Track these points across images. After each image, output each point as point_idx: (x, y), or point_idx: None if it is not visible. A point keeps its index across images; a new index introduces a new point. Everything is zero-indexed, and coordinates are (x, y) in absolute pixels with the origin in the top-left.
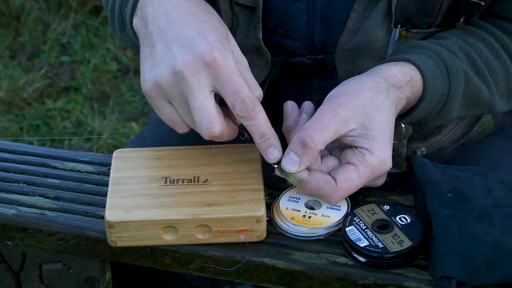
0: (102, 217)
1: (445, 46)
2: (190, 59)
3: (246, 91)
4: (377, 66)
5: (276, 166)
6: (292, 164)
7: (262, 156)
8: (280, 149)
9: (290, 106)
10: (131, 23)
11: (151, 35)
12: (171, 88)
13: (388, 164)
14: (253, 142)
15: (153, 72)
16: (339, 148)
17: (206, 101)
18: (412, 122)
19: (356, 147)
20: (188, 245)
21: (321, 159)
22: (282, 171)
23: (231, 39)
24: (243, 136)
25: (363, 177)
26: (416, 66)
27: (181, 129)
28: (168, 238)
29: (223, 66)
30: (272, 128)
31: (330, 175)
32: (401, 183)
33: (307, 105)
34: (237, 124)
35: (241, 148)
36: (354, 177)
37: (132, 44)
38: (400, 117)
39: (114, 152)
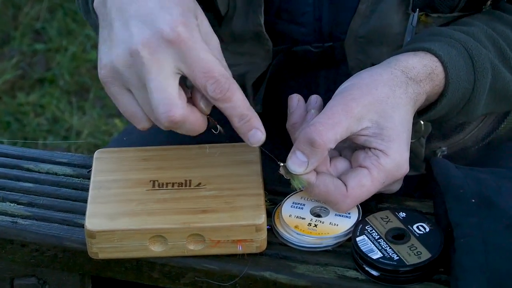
0: (82, 226)
1: (470, 33)
2: (148, 36)
3: (219, 69)
4: (394, 56)
5: (281, 164)
6: (298, 165)
7: (262, 157)
8: (263, 130)
9: (295, 100)
10: (93, 3)
11: (109, 14)
12: (128, 71)
13: (405, 168)
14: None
15: (109, 55)
16: (349, 148)
17: (165, 82)
18: (431, 119)
19: (370, 148)
20: (179, 257)
21: (330, 161)
22: (287, 171)
23: (201, 15)
24: (215, 130)
25: (377, 182)
26: (437, 57)
27: (141, 123)
28: (156, 250)
29: (189, 43)
30: (252, 108)
31: (340, 180)
32: (419, 187)
33: (315, 99)
34: (205, 114)
35: (239, 148)
36: (366, 182)
37: (97, 28)
38: (419, 114)
39: (95, 152)
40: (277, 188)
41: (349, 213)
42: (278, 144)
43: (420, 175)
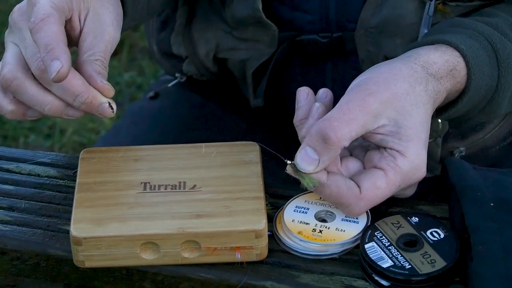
0: (67, 232)
1: (494, 25)
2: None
3: (46, 3)
4: (413, 49)
5: (289, 162)
6: (308, 162)
7: (263, 157)
8: (65, 61)
9: (304, 93)
10: None
11: None
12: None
13: (422, 171)
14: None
15: None
16: (361, 148)
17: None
18: (451, 118)
19: (385, 148)
20: (172, 266)
21: (341, 160)
22: (295, 170)
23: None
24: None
25: (393, 185)
26: (459, 52)
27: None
28: (148, 257)
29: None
30: (64, 42)
31: (353, 181)
32: (432, 190)
33: (324, 93)
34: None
35: (238, 147)
36: (382, 184)
37: None
38: (437, 112)
39: (81, 152)
40: (279, 190)
41: (357, 218)
42: (281, 141)
43: (434, 177)
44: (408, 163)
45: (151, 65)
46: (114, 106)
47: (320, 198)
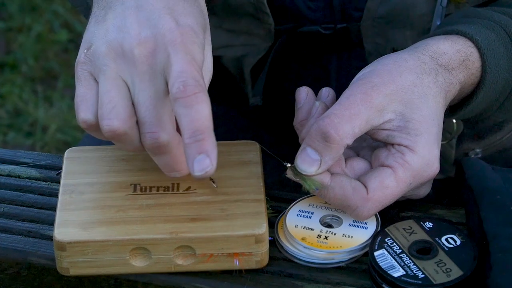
0: (50, 238)
1: None
2: (148, 36)
3: (195, 72)
4: (422, 40)
5: (289, 165)
6: (309, 163)
7: (264, 157)
8: (214, 160)
9: (304, 93)
10: None
11: None
12: (113, 63)
13: (435, 167)
14: None
15: (101, 39)
16: (369, 148)
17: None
18: (467, 117)
19: (393, 145)
20: (165, 274)
21: (346, 161)
22: (296, 172)
23: (208, 37)
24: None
25: (403, 183)
26: (473, 42)
27: (83, 114)
28: (138, 265)
29: (183, 46)
30: (212, 132)
31: (359, 181)
32: (448, 193)
33: (326, 92)
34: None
35: (236, 146)
36: (390, 183)
37: (85, 6)
38: (451, 111)
39: (66, 151)
40: (281, 193)
41: (365, 223)
42: (282, 142)
43: (450, 178)
44: (418, 158)
45: None
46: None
47: (326, 201)
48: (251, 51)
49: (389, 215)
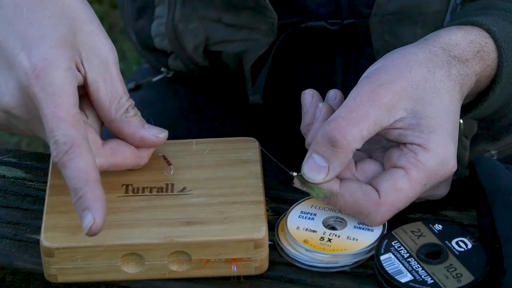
0: (37, 241)
1: None
2: (15, 91)
3: (62, 128)
4: (433, 32)
5: (295, 174)
6: (316, 171)
7: (264, 156)
8: (98, 214)
9: (309, 96)
10: None
11: None
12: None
13: (451, 165)
14: None
15: None
16: (383, 150)
17: None
18: (483, 116)
19: (405, 144)
20: (159, 281)
21: (356, 164)
22: (303, 181)
23: (93, 23)
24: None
25: (417, 185)
26: (488, 32)
27: None
28: (131, 271)
29: (40, 94)
30: (96, 180)
31: (371, 185)
32: (458, 193)
33: (333, 94)
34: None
35: (234, 143)
36: (403, 185)
37: None
38: (466, 110)
39: None
40: (282, 194)
41: (371, 226)
42: (285, 146)
43: (461, 178)
44: (432, 157)
45: (133, 49)
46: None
47: (337, 209)
48: (252, 47)
49: (396, 217)
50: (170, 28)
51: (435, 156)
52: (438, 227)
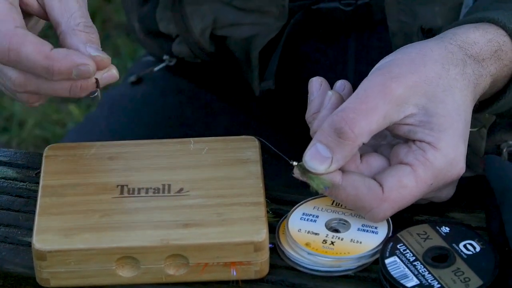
0: (28, 244)
1: None
2: None
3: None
4: (449, 29)
5: (295, 163)
6: (319, 161)
7: (264, 156)
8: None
9: (317, 83)
10: None
11: None
12: None
13: (459, 167)
14: None
15: None
16: (388, 146)
17: None
18: (500, 112)
19: (414, 141)
20: (155, 285)
21: (361, 158)
22: (304, 170)
23: None
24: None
25: (423, 183)
26: (505, 30)
27: None
28: (126, 275)
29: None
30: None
31: (375, 180)
32: (467, 194)
33: (342, 84)
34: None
35: (233, 142)
36: (409, 182)
37: None
38: (482, 105)
39: (46, 148)
40: (283, 195)
41: (376, 228)
42: (288, 145)
43: (469, 178)
44: (440, 156)
45: (128, 44)
46: (114, 71)
47: (332, 203)
48: (261, 31)
49: (402, 219)
50: (177, 11)
51: (444, 156)
52: (445, 229)
